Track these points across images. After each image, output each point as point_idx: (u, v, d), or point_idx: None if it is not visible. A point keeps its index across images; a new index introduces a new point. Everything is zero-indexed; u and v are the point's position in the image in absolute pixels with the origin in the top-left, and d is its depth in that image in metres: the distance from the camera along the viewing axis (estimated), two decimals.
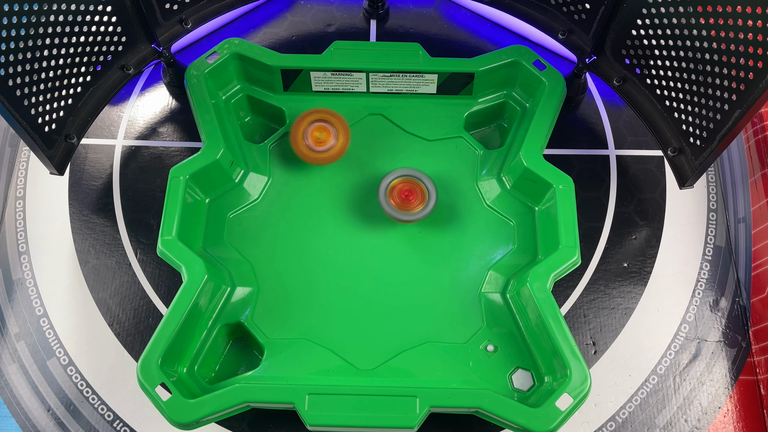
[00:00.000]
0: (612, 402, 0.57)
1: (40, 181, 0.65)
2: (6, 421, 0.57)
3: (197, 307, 0.54)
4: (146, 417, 0.57)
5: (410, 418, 0.50)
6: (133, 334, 0.59)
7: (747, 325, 0.60)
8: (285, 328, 0.56)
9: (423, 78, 0.62)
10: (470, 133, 0.64)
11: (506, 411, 0.50)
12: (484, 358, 0.55)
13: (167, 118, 0.67)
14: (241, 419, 0.56)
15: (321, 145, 0.58)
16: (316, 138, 0.58)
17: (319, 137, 0.58)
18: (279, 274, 0.58)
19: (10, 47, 0.49)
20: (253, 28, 0.72)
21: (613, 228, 0.63)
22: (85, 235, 0.63)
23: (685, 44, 0.52)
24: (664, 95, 0.57)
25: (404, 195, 0.57)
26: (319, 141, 0.58)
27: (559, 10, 0.61)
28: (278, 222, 0.60)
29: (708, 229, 0.63)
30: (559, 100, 0.61)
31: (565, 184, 0.57)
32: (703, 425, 0.57)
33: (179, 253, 0.54)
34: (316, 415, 0.50)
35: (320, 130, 0.58)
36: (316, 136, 0.58)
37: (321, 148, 0.58)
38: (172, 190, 0.57)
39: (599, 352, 0.59)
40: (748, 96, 0.48)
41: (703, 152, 0.54)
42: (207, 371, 0.55)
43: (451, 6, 0.73)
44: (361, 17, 0.72)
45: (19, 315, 0.60)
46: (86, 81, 0.58)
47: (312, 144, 0.58)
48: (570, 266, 0.55)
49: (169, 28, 0.62)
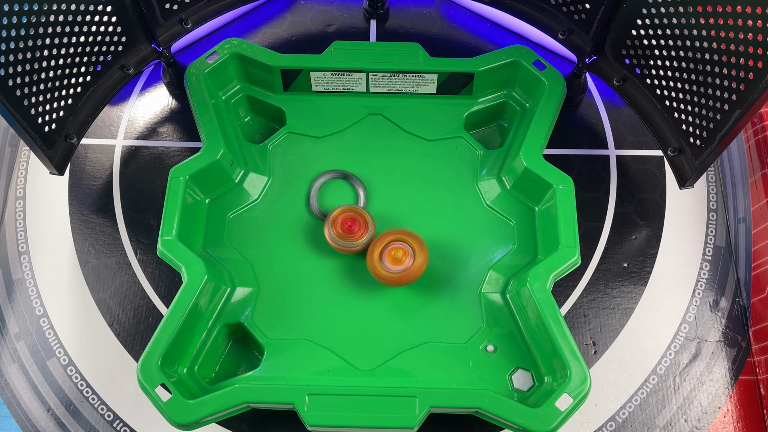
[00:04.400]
0: (612, 402, 0.57)
1: (40, 181, 0.65)
2: (6, 421, 0.57)
3: (197, 308, 0.54)
4: (146, 417, 0.57)
5: (410, 418, 0.50)
6: (133, 334, 0.59)
7: (747, 325, 0.60)
8: (285, 329, 0.56)
9: (423, 78, 0.62)
10: (470, 133, 0.64)
11: (506, 411, 0.50)
12: (484, 358, 0.55)
13: (167, 118, 0.67)
14: (241, 419, 0.56)
15: (398, 264, 0.55)
16: (393, 257, 0.55)
17: (396, 256, 0.55)
18: (279, 274, 0.58)
19: (10, 47, 0.49)
20: (253, 28, 0.72)
21: (613, 228, 0.63)
22: (85, 235, 0.63)
23: (685, 44, 0.52)
24: (664, 95, 0.57)
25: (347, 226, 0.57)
26: (396, 260, 0.55)
27: (559, 10, 0.61)
28: (278, 222, 0.60)
29: (708, 229, 0.63)
30: (559, 100, 0.61)
31: (565, 184, 0.57)
32: (703, 425, 0.57)
33: (179, 254, 0.54)
34: (316, 415, 0.50)
35: (397, 249, 0.56)
36: (393, 255, 0.55)
37: (398, 268, 0.55)
38: (172, 191, 0.57)
39: (599, 352, 0.59)
40: (748, 96, 0.48)
41: (703, 152, 0.54)
42: (207, 371, 0.55)
43: (451, 6, 0.73)
44: (361, 17, 0.72)
45: (19, 315, 0.60)
46: (86, 81, 0.58)
47: (388, 264, 0.55)
48: (570, 266, 0.55)
49: (169, 28, 0.62)
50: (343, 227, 0.56)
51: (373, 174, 0.62)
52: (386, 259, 0.55)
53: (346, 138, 0.63)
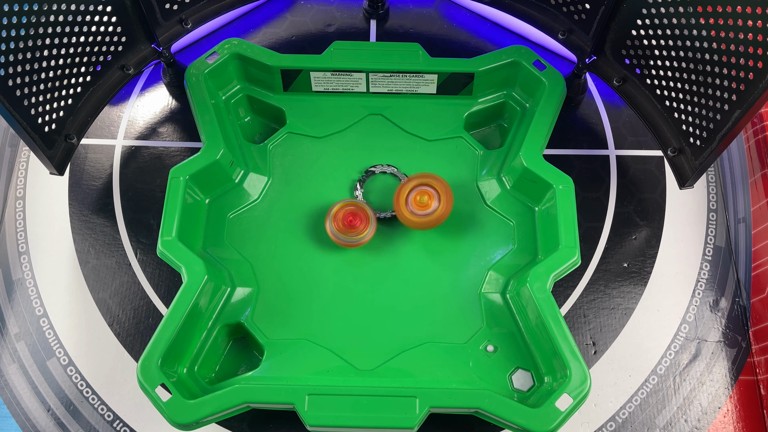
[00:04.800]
0: (612, 402, 0.57)
1: (40, 181, 0.65)
2: (6, 421, 0.57)
3: (197, 308, 0.54)
4: (146, 417, 0.57)
5: (410, 418, 0.50)
6: (133, 334, 0.59)
7: (747, 325, 0.60)
8: (285, 329, 0.56)
9: (423, 78, 0.62)
10: (470, 133, 0.64)
11: (506, 411, 0.50)
12: (484, 359, 0.55)
13: (167, 118, 0.67)
14: (241, 419, 0.56)
15: (424, 208, 0.57)
16: (419, 202, 0.57)
17: (422, 201, 0.57)
18: (279, 274, 0.58)
19: (10, 47, 0.49)
20: (253, 28, 0.72)
21: (613, 228, 0.63)
22: (85, 235, 0.63)
23: (685, 44, 0.52)
24: (664, 95, 0.57)
25: (348, 221, 0.57)
26: (421, 205, 0.57)
27: (559, 10, 0.61)
28: (278, 222, 0.60)
29: (708, 229, 0.63)
30: (559, 100, 0.61)
31: (565, 184, 0.57)
32: (703, 425, 0.57)
33: (179, 254, 0.54)
34: (316, 415, 0.50)
35: (422, 194, 0.57)
36: (419, 200, 0.57)
37: (423, 212, 0.57)
38: (172, 191, 0.57)
39: (599, 352, 0.59)
40: (748, 96, 0.48)
41: (703, 152, 0.54)
42: (207, 372, 0.55)
43: (451, 6, 0.73)
44: (361, 17, 0.72)
45: (19, 315, 0.60)
46: (86, 81, 0.58)
47: (414, 208, 0.57)
48: (570, 266, 0.55)
49: (169, 28, 0.62)
50: (344, 221, 0.57)
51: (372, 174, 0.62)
52: (412, 204, 0.57)
53: (346, 138, 0.63)
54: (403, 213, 0.57)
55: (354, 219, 0.57)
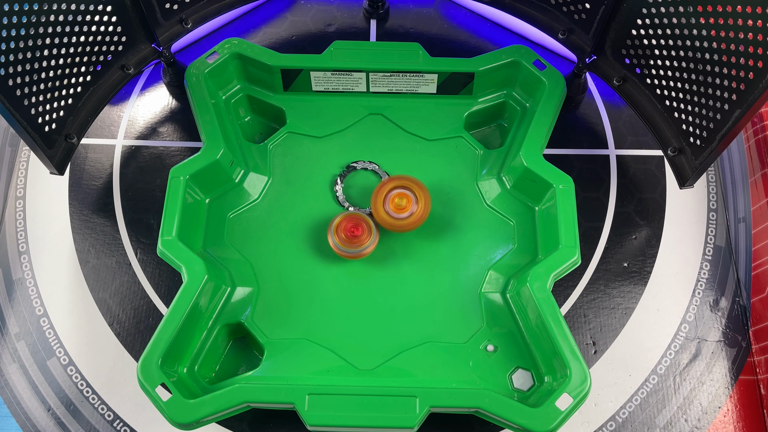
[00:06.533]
0: (612, 402, 0.57)
1: (40, 181, 0.65)
2: (6, 421, 0.57)
3: (197, 307, 0.54)
4: (146, 417, 0.57)
5: (410, 418, 0.50)
6: (133, 334, 0.59)
7: (747, 325, 0.60)
8: (285, 328, 0.56)
9: (423, 78, 0.62)
10: (470, 133, 0.64)
11: (506, 411, 0.50)
12: (484, 358, 0.55)
13: (167, 118, 0.67)
14: (241, 419, 0.56)
15: (401, 211, 0.57)
16: (397, 204, 0.57)
17: (399, 204, 0.57)
18: (279, 274, 0.58)
19: (10, 47, 0.49)
20: (253, 28, 0.72)
21: (613, 228, 0.63)
22: (85, 235, 0.63)
23: (685, 44, 0.52)
24: (664, 95, 0.57)
25: (349, 231, 0.57)
26: (399, 207, 0.57)
27: (559, 10, 0.61)
28: (278, 222, 0.60)
29: (708, 229, 0.63)
30: (559, 100, 0.61)
31: (565, 184, 0.57)
32: (703, 425, 0.57)
33: (179, 254, 0.54)
34: (316, 415, 0.50)
35: (401, 196, 0.57)
36: (397, 202, 0.57)
37: (400, 215, 0.57)
38: (172, 190, 0.57)
39: (599, 352, 0.59)
40: (748, 96, 0.48)
41: (703, 152, 0.54)
42: (207, 371, 0.55)
43: (451, 6, 0.73)
44: (361, 17, 0.72)
45: (19, 315, 0.60)
46: (86, 81, 0.58)
47: (392, 210, 0.57)
48: (570, 266, 0.55)
49: (169, 28, 0.62)
50: (346, 233, 0.56)
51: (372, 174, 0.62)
52: (390, 206, 0.57)
53: (346, 138, 0.63)
54: (380, 213, 0.57)
55: (356, 228, 0.57)
